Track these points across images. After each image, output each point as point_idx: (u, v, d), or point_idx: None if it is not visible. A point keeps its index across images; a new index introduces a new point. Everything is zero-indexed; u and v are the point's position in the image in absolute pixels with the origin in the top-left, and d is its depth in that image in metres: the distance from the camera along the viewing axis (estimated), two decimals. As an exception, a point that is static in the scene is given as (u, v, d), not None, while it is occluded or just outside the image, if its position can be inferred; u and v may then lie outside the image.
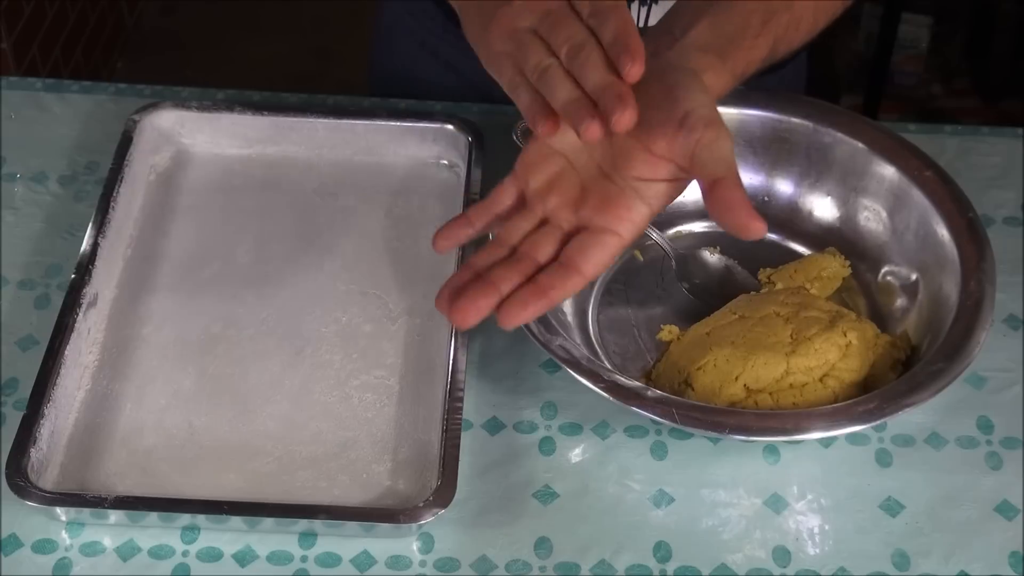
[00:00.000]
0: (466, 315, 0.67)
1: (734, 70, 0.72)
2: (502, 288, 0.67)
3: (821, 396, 0.80)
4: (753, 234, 0.64)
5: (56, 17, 2.17)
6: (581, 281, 0.68)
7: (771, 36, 0.75)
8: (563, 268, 0.68)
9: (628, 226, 0.69)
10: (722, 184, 0.65)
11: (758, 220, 0.64)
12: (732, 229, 0.65)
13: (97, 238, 0.88)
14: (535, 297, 0.67)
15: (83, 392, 0.83)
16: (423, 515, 0.74)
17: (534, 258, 0.69)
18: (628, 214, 0.69)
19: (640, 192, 0.69)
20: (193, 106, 0.98)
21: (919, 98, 2.28)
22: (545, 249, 0.69)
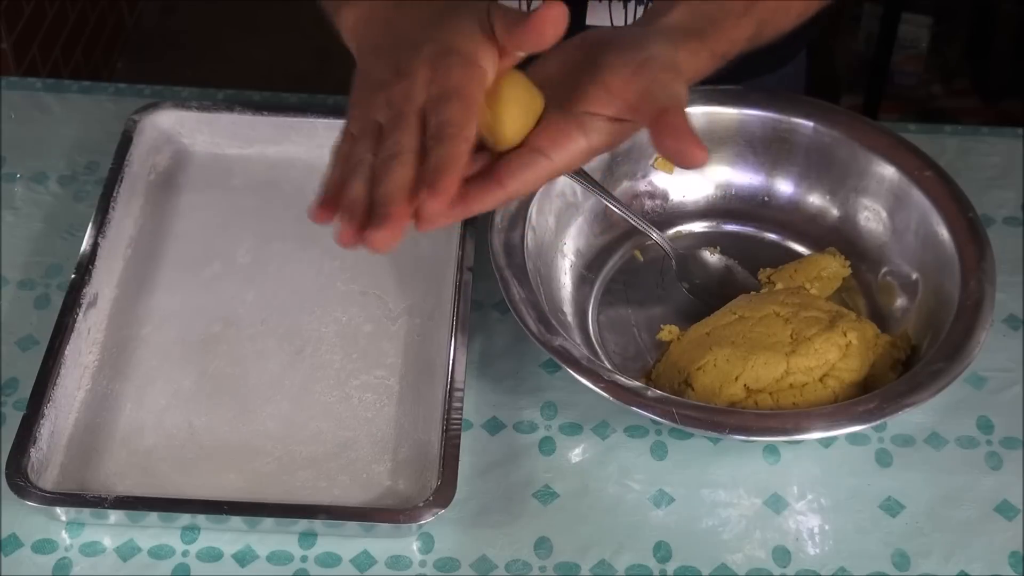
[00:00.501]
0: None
1: (714, 49, 0.73)
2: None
3: (821, 396, 0.80)
4: (694, 161, 0.64)
5: (56, 17, 2.17)
6: (503, 195, 0.67)
7: (755, 18, 0.75)
8: (487, 180, 0.67)
9: (562, 154, 0.68)
10: (668, 112, 0.65)
11: (700, 147, 0.64)
12: (675, 156, 0.65)
13: (97, 238, 0.88)
14: (454, 206, 0.65)
15: (83, 392, 0.83)
16: (423, 515, 0.74)
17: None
18: (565, 141, 0.68)
19: (583, 125, 0.68)
20: (193, 106, 0.98)
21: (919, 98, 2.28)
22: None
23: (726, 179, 0.95)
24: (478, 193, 0.67)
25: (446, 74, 0.66)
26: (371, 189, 0.65)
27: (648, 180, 0.94)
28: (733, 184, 0.95)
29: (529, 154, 0.68)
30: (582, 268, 0.91)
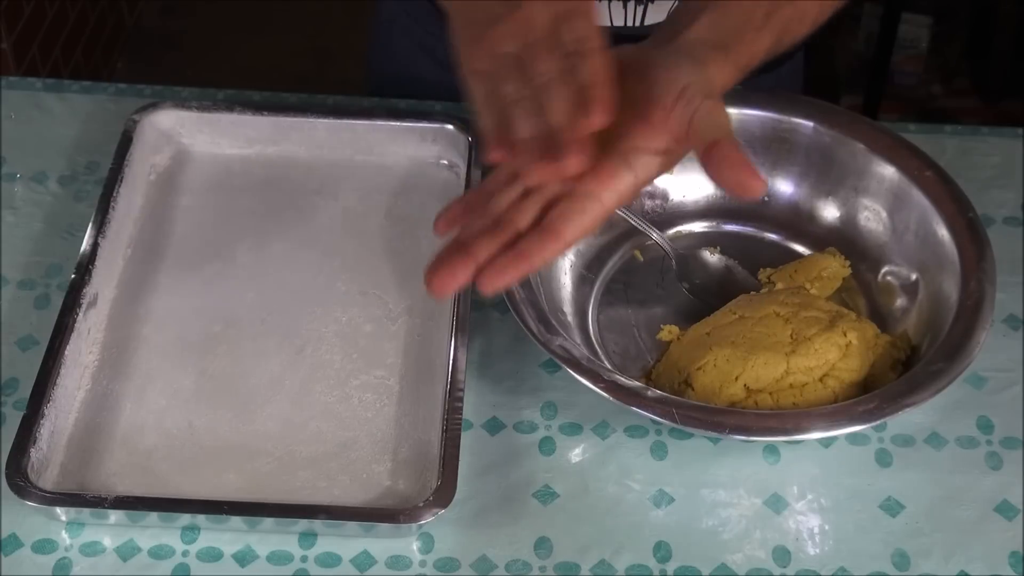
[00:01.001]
0: (444, 283, 0.67)
1: (738, 62, 0.72)
2: (479, 256, 0.67)
3: (821, 396, 0.80)
4: (753, 191, 0.63)
5: (56, 17, 2.17)
6: (561, 246, 0.67)
7: (775, 29, 0.75)
8: (542, 233, 0.67)
9: (611, 194, 0.68)
10: (720, 144, 0.64)
11: (758, 177, 0.63)
12: (733, 187, 0.64)
13: (97, 238, 0.88)
14: (514, 262, 0.66)
15: (83, 392, 0.83)
16: (423, 515, 0.74)
17: (515, 225, 0.68)
18: (612, 182, 0.68)
19: (629, 161, 0.68)
20: (193, 106, 0.98)
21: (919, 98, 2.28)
22: (526, 215, 0.68)
23: (726, 179, 0.95)
24: (537, 248, 0.67)
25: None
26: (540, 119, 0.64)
27: (648, 180, 0.94)
28: (733, 184, 0.95)
29: (580, 200, 0.67)
30: (582, 268, 0.91)
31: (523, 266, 0.67)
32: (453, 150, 0.98)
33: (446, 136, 0.98)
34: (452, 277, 0.66)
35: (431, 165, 0.99)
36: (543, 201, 0.69)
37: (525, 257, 0.67)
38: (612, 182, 0.68)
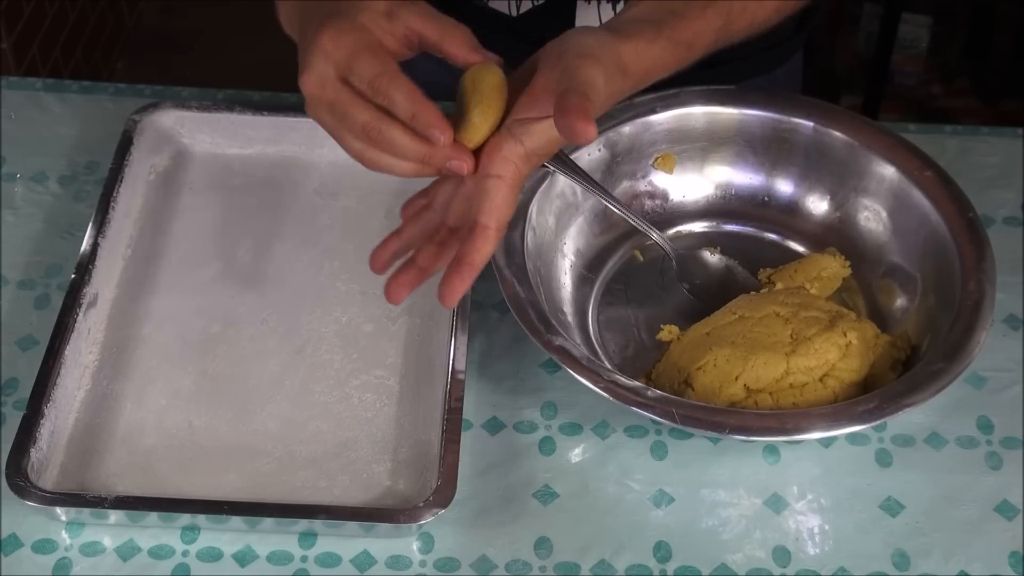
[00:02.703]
0: (399, 295, 0.75)
1: (673, 37, 0.74)
2: (426, 266, 0.76)
3: (821, 396, 0.80)
4: (579, 135, 0.65)
5: (56, 17, 2.17)
6: (493, 234, 0.71)
7: (722, 9, 0.77)
8: (472, 232, 0.71)
9: (506, 166, 0.71)
10: (566, 93, 0.67)
11: (585, 121, 0.65)
12: (564, 131, 0.66)
13: (97, 238, 0.88)
14: (459, 271, 0.71)
15: (83, 392, 0.83)
16: (423, 515, 0.74)
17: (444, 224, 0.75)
18: (500, 154, 0.71)
19: (513, 133, 0.71)
20: (193, 106, 0.98)
21: (919, 98, 2.28)
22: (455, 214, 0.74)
23: (726, 179, 0.95)
24: (473, 248, 0.70)
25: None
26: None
27: (648, 180, 0.94)
28: (733, 184, 0.95)
29: (483, 183, 0.71)
30: (582, 268, 0.91)
31: (469, 270, 0.71)
32: (453, 150, 0.98)
33: (446, 136, 0.98)
34: (406, 289, 0.75)
35: (431, 165, 0.99)
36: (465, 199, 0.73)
37: (466, 261, 0.70)
38: (500, 154, 0.70)
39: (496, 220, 0.71)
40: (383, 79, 0.70)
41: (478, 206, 0.71)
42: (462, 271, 0.71)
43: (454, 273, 0.71)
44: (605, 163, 0.92)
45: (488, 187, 0.71)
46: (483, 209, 0.71)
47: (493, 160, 0.71)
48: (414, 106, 0.69)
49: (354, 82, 0.70)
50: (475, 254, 0.70)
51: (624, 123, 0.92)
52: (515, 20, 0.98)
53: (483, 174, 0.71)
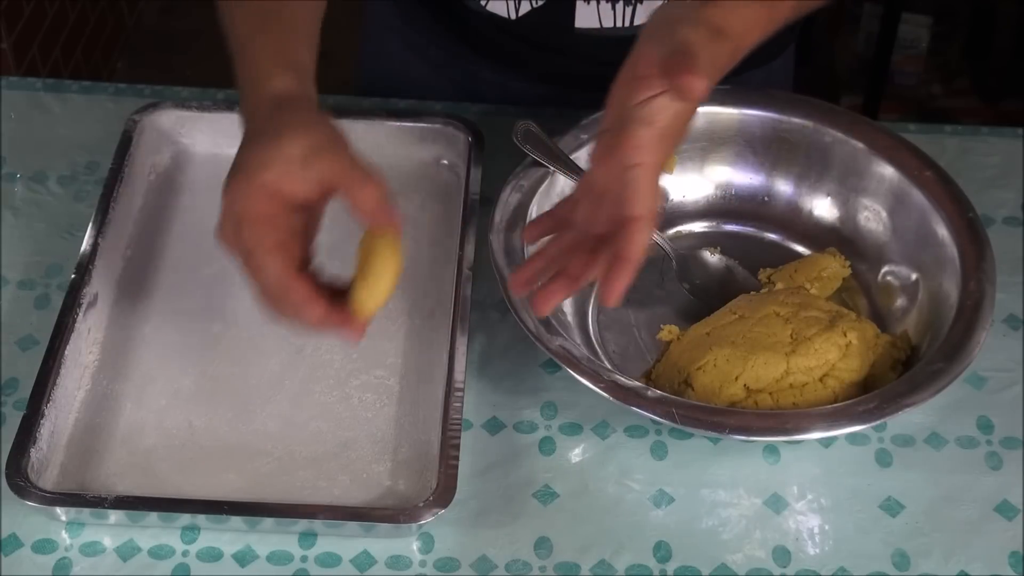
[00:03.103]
0: (548, 306, 0.75)
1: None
2: (578, 275, 0.74)
3: (821, 396, 0.80)
4: (690, 91, 0.66)
5: (56, 17, 2.17)
6: (646, 224, 0.71)
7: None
8: (624, 228, 0.71)
9: (643, 152, 0.71)
10: (667, 56, 0.67)
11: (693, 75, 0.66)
12: (675, 93, 0.68)
13: (97, 238, 0.88)
14: (620, 268, 0.71)
15: (83, 392, 0.83)
16: (423, 515, 0.74)
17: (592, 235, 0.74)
18: (633, 142, 0.71)
19: (637, 117, 0.71)
20: (193, 106, 0.98)
21: (919, 98, 2.28)
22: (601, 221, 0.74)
23: (726, 179, 0.95)
24: (628, 241, 0.71)
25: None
26: None
27: (648, 180, 0.94)
28: (733, 184, 0.95)
29: (627, 175, 0.71)
30: (582, 268, 0.91)
31: (628, 266, 0.71)
32: (453, 150, 0.98)
33: (446, 136, 0.98)
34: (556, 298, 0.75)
35: (431, 165, 0.99)
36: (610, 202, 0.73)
37: (624, 257, 0.70)
38: (632, 144, 0.70)
39: (646, 209, 0.71)
40: (258, 252, 0.70)
41: (625, 200, 0.71)
42: (622, 267, 0.70)
43: (614, 271, 0.71)
44: (605, 163, 0.92)
45: (631, 178, 0.71)
46: (630, 201, 0.70)
47: (628, 150, 0.71)
48: (284, 284, 0.70)
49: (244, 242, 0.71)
50: (631, 248, 0.70)
51: (624, 123, 0.92)
52: (514, 23, 0.98)
53: (623, 167, 0.71)
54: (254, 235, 0.71)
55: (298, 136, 0.72)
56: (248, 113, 0.78)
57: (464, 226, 0.89)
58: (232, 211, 0.72)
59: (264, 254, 0.70)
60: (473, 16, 0.99)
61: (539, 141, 0.89)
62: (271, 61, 0.79)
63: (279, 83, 0.77)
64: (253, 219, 0.71)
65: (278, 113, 0.75)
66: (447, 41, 1.06)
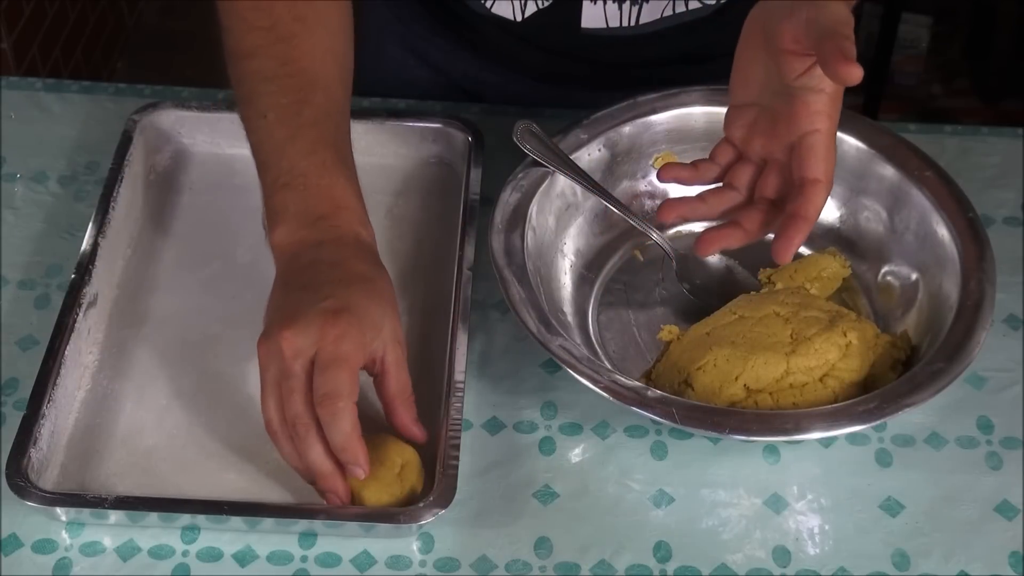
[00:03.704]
0: (710, 248, 0.82)
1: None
2: (752, 229, 0.81)
3: (821, 396, 0.80)
4: (849, 81, 0.70)
5: (56, 17, 2.17)
6: (824, 187, 0.76)
7: None
8: (802, 189, 0.75)
9: (819, 119, 0.75)
10: (823, 41, 0.70)
11: (851, 66, 0.69)
12: (833, 79, 0.72)
13: (97, 238, 0.88)
14: (796, 225, 0.76)
15: (83, 392, 0.83)
16: (423, 515, 0.74)
17: (766, 199, 0.81)
18: (809, 108, 0.75)
19: (808, 85, 0.75)
20: (193, 106, 0.98)
21: (919, 98, 2.28)
22: (769, 187, 0.80)
23: (726, 179, 0.95)
24: (805, 201, 0.76)
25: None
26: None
27: (648, 180, 0.94)
28: (733, 184, 0.95)
29: (807, 140, 0.75)
30: (582, 268, 0.91)
31: (804, 224, 0.76)
32: (453, 150, 0.98)
33: (446, 136, 0.98)
34: (717, 242, 0.81)
35: (431, 165, 0.99)
36: (777, 167, 0.78)
37: (801, 215, 0.75)
38: (810, 109, 0.75)
39: (824, 172, 0.75)
40: (337, 399, 0.72)
41: (803, 163, 0.75)
42: (797, 225, 0.76)
43: (789, 228, 0.76)
44: (605, 163, 0.92)
45: (810, 143, 0.75)
46: (809, 165, 0.75)
47: (804, 119, 0.75)
48: (349, 441, 0.72)
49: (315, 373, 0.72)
50: (809, 206, 0.75)
51: (624, 123, 0.92)
52: (519, 24, 0.98)
53: (801, 133, 0.75)
54: (336, 379, 0.72)
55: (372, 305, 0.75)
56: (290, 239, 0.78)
57: (464, 226, 0.89)
58: (270, 376, 0.74)
59: (345, 405, 0.72)
60: (477, 19, 0.99)
61: (539, 141, 0.89)
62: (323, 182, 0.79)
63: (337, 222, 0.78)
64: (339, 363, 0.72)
65: (337, 264, 0.76)
66: (448, 44, 1.05)
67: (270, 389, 0.74)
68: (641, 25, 0.97)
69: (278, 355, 0.72)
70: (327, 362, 0.72)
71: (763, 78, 0.78)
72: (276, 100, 0.81)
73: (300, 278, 0.76)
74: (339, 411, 0.71)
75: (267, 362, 0.73)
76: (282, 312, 0.74)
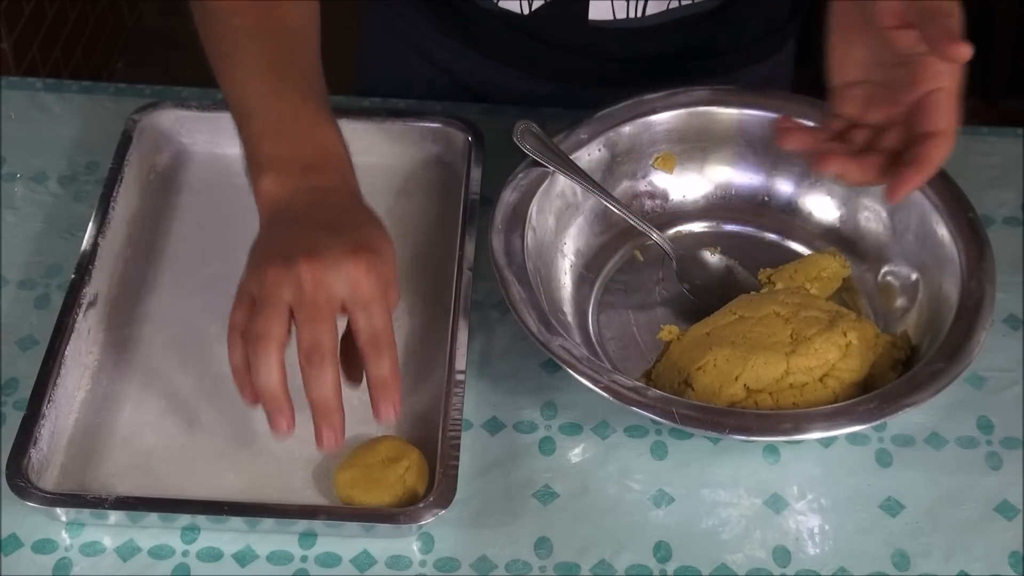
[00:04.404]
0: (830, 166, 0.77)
1: None
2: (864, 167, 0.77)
3: (821, 396, 0.80)
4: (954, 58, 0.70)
5: (56, 17, 2.17)
6: (948, 140, 0.75)
7: None
8: (927, 139, 0.74)
9: (942, 77, 0.74)
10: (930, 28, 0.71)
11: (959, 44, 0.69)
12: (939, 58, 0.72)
13: (97, 238, 0.88)
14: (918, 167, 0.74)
15: (83, 392, 0.83)
16: (423, 515, 0.74)
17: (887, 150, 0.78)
18: (929, 69, 0.74)
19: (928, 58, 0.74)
20: (193, 106, 0.99)
21: (919, 98, 2.28)
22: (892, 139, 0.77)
23: (726, 179, 0.95)
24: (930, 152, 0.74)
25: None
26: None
27: (648, 180, 0.94)
28: (733, 184, 0.95)
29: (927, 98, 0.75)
30: (582, 268, 0.91)
31: (927, 167, 0.74)
32: (453, 150, 0.98)
33: (446, 136, 0.98)
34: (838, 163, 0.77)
35: (431, 165, 0.99)
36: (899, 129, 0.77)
37: (925, 159, 0.74)
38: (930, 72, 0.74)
39: (948, 124, 0.74)
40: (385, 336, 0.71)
41: (925, 118, 0.74)
42: (920, 167, 0.74)
43: (911, 169, 0.74)
44: (605, 163, 0.92)
45: (933, 99, 0.74)
46: (934, 119, 0.74)
47: (926, 80, 0.74)
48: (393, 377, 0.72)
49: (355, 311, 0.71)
50: (934, 152, 0.74)
51: (624, 123, 0.92)
52: (526, 18, 0.98)
53: (924, 92, 0.75)
54: (314, 331, 0.70)
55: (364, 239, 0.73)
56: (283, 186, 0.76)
57: (464, 226, 0.89)
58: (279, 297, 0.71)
59: (324, 356, 0.70)
60: (482, 14, 0.99)
61: (539, 141, 0.89)
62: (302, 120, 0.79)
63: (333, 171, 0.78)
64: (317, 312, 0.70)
65: (345, 210, 0.75)
66: (452, 42, 1.05)
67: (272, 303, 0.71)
68: (647, 17, 0.97)
69: (295, 283, 0.70)
70: (368, 300, 0.71)
71: (868, 56, 0.78)
72: (262, 57, 0.81)
73: (309, 217, 0.74)
74: (386, 348, 0.71)
75: (275, 286, 0.70)
76: (297, 246, 0.71)
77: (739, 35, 1.04)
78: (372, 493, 0.75)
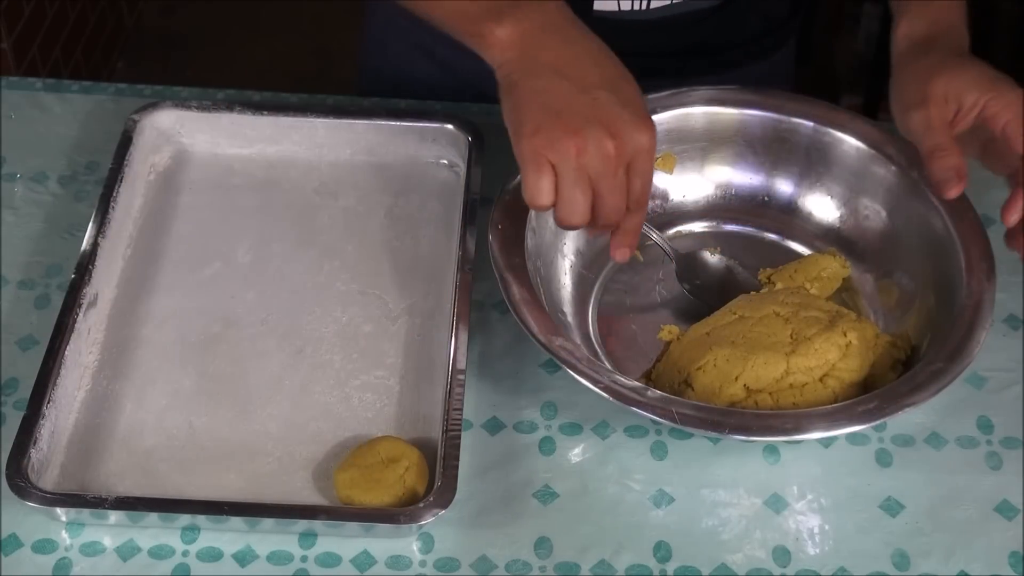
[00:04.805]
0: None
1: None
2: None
3: (821, 396, 0.80)
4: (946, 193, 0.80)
5: (56, 17, 2.17)
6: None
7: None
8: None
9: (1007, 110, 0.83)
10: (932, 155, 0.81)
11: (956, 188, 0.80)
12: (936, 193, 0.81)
13: (97, 238, 0.88)
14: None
15: (83, 392, 0.83)
16: (423, 515, 0.74)
17: None
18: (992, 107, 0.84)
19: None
20: (193, 106, 0.98)
21: (919, 98, 2.28)
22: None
23: (726, 179, 0.95)
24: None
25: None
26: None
27: (648, 180, 0.94)
28: (733, 184, 0.95)
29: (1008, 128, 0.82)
30: (582, 268, 0.91)
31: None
32: (453, 150, 0.98)
33: (446, 136, 0.98)
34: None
35: (431, 165, 0.99)
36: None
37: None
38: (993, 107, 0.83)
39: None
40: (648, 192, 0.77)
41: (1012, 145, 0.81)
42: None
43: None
44: (605, 163, 0.92)
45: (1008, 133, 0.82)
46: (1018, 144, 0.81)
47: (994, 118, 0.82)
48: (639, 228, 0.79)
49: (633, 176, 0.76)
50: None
51: (624, 123, 0.92)
52: None
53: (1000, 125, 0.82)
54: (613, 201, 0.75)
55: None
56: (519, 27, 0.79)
57: (464, 226, 0.89)
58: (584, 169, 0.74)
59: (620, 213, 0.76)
60: None
61: (539, 141, 0.88)
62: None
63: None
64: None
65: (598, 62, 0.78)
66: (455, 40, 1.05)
67: (573, 178, 0.74)
68: (651, 10, 0.97)
69: (603, 155, 0.74)
70: (647, 169, 0.76)
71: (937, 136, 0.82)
72: None
73: (570, 69, 0.76)
74: (643, 207, 0.78)
75: (580, 156, 0.73)
76: (588, 111, 0.74)
77: (740, 32, 1.04)
78: (372, 493, 0.75)
